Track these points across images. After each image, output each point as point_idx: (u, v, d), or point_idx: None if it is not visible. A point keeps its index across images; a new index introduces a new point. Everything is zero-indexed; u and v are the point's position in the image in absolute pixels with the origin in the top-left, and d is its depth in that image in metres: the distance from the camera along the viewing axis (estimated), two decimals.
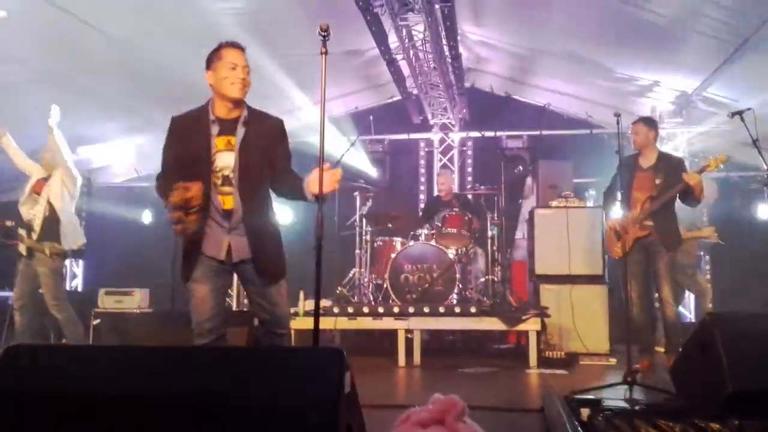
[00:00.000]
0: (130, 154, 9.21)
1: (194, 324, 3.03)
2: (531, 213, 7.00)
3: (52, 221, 5.75)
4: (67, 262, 9.11)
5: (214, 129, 3.06)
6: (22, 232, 5.68)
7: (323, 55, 2.78)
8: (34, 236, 5.60)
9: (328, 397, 1.57)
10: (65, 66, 6.36)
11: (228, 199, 3.05)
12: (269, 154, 3.10)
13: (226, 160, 3.04)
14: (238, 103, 3.09)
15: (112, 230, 9.07)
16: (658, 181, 5.36)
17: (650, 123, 5.61)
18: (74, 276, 9.54)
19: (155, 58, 6.59)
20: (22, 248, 5.65)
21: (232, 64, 3.03)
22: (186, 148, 3.07)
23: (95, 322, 7.01)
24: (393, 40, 6.86)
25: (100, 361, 1.93)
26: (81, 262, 9.49)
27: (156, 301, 7.15)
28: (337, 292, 7.41)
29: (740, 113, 4.72)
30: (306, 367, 1.68)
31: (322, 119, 2.70)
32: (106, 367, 1.88)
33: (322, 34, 2.75)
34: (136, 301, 7.05)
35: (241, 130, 3.06)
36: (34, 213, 5.72)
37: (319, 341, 2.64)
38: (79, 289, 9.38)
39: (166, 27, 6.04)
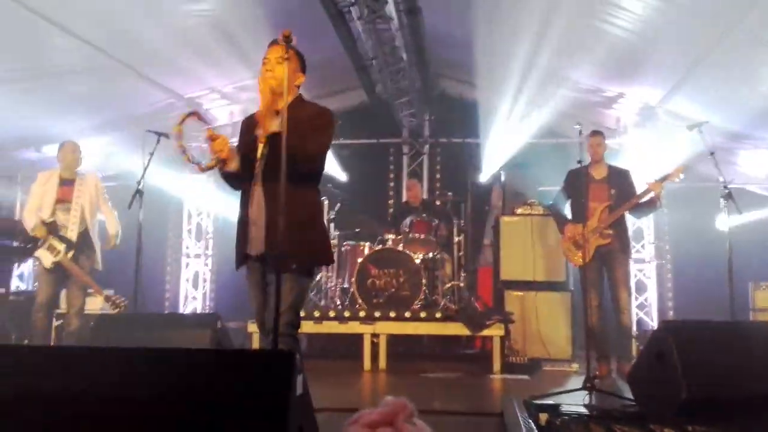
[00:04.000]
0: (96, 154, 9.08)
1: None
2: (497, 220, 7.08)
3: (85, 236, 5.54)
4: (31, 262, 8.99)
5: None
6: (57, 245, 5.41)
7: (285, 62, 2.79)
8: (68, 252, 5.41)
9: (278, 399, 1.58)
10: (29, 65, 6.27)
11: (256, 190, 3.10)
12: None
13: (259, 151, 3.10)
14: (277, 95, 3.04)
15: None
16: (613, 192, 5.50)
17: (604, 136, 5.80)
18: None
19: (122, 58, 6.54)
20: (47, 261, 5.39)
21: (264, 60, 3.15)
22: (242, 140, 3.24)
23: (57, 323, 6.89)
24: (363, 45, 6.88)
25: (49, 361, 1.92)
26: None
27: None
28: None
29: (698, 126, 4.84)
30: (257, 370, 1.69)
31: (284, 125, 2.71)
32: (54, 368, 1.86)
33: (285, 41, 2.76)
34: (100, 302, 6.93)
35: (275, 121, 3.03)
36: (66, 224, 5.47)
37: (278, 344, 2.64)
38: None
39: (133, 28, 5.98)
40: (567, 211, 5.89)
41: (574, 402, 3.97)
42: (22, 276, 9.13)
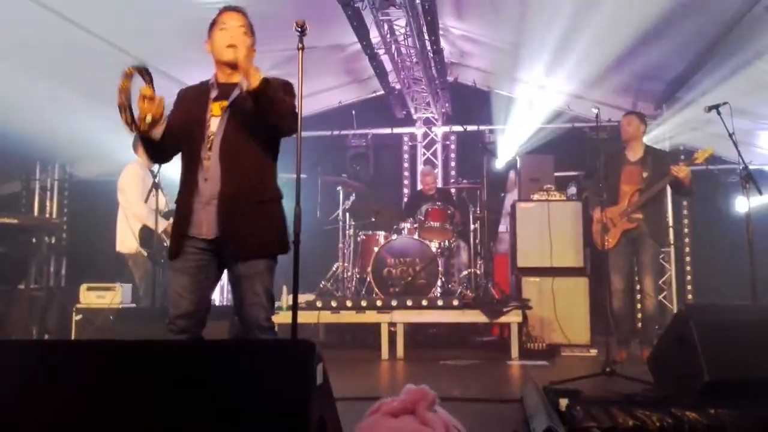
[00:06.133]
0: (112, 149, 9.14)
1: (169, 318, 2.77)
2: (513, 206, 7.05)
3: None
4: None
5: (213, 93, 2.91)
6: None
7: (300, 51, 2.78)
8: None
9: (300, 388, 1.58)
10: (41, 61, 6.31)
11: (208, 166, 2.82)
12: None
13: (217, 124, 2.85)
14: (233, 71, 2.87)
15: (94, 225, 9.00)
16: (645, 175, 5.44)
17: (642, 117, 5.77)
18: (57, 271, 9.47)
19: (134, 53, 6.55)
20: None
21: (223, 25, 2.91)
22: (183, 113, 2.95)
23: (77, 317, 6.97)
24: (375, 35, 6.86)
25: (70, 355, 1.94)
26: (64, 257, 9.43)
27: (139, 296, 7.11)
28: (321, 286, 7.43)
29: (716, 107, 4.77)
30: (277, 360, 1.69)
31: (299, 115, 2.70)
32: (72, 362, 1.88)
33: (299, 29, 2.75)
34: (119, 296, 6.99)
35: (235, 93, 2.86)
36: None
37: (297, 334, 2.65)
38: (62, 284, 9.31)
39: (145, 21, 6.00)
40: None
41: (594, 387, 3.96)
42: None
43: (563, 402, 3.39)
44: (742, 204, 5.06)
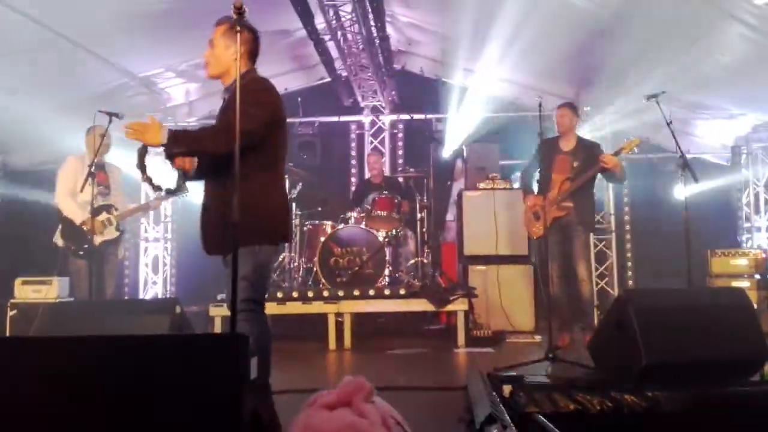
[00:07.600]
0: (48, 138, 8.83)
1: None
2: (459, 195, 7.09)
3: None
4: None
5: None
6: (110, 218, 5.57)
7: (237, 34, 2.69)
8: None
9: (232, 383, 1.54)
10: None
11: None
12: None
13: None
14: (221, 78, 3.08)
15: (29, 216, 8.68)
16: (575, 164, 5.56)
17: (574, 108, 5.85)
18: None
19: (72, 36, 6.32)
20: (96, 239, 5.42)
21: None
22: None
23: (12, 313, 6.72)
24: (320, 21, 6.77)
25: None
26: None
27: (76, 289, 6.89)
28: None
29: (655, 96, 4.87)
30: (210, 354, 1.64)
31: (237, 100, 2.62)
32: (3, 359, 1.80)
33: (237, 12, 2.66)
34: (55, 290, 6.76)
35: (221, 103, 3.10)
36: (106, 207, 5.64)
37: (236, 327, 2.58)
38: None
39: (82, 5, 5.78)
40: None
41: (537, 372, 4.01)
42: None
43: (507, 388, 3.43)
44: (680, 192, 5.22)
